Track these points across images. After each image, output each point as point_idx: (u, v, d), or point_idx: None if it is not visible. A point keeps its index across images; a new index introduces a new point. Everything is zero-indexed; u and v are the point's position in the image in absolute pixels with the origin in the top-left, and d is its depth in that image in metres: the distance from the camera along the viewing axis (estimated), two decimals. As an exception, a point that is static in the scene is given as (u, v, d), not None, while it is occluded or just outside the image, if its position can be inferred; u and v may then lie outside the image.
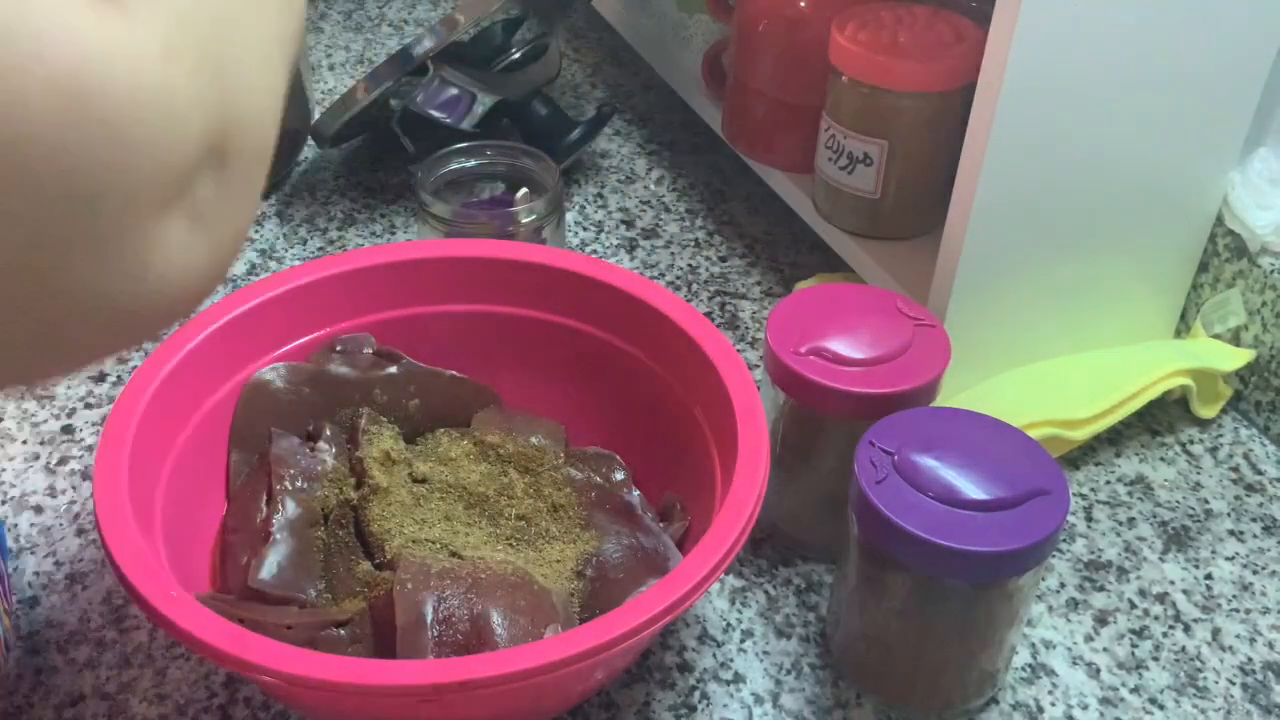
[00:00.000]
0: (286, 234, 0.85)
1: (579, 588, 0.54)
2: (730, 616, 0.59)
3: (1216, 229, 0.70)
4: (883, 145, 0.70)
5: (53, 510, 0.63)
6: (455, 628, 0.49)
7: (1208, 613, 0.61)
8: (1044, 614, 0.60)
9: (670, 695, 0.56)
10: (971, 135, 0.60)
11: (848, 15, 0.71)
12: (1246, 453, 0.70)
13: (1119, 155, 0.63)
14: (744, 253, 0.85)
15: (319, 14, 1.14)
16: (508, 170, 0.77)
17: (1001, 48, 0.56)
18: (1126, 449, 0.70)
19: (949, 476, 0.50)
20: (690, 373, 0.58)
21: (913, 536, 0.48)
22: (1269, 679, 0.57)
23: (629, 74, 1.07)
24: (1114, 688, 0.57)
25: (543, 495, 0.58)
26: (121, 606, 0.58)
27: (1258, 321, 0.69)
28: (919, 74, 0.68)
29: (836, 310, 0.60)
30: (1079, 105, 0.60)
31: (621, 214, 0.88)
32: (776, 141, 0.80)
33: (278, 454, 0.57)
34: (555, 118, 0.90)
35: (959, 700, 0.55)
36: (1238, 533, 0.65)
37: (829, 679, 0.57)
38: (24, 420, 0.69)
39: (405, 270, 0.62)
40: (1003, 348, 0.68)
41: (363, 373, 0.61)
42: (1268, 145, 0.68)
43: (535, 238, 0.72)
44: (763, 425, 0.53)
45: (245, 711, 0.54)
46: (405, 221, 0.86)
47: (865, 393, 0.56)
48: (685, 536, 0.57)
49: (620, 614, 0.45)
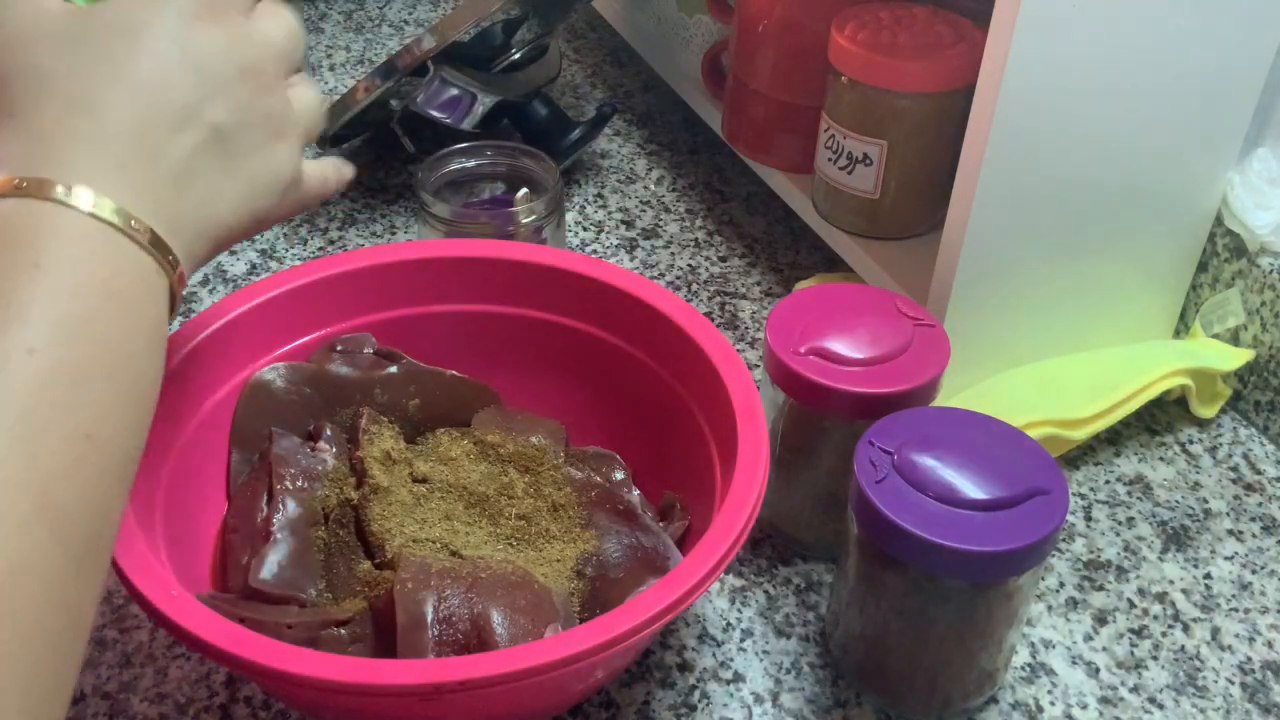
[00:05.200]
0: (286, 234, 0.85)
1: (579, 587, 0.54)
2: (730, 616, 0.59)
3: (1216, 229, 0.71)
4: (882, 145, 0.70)
5: (53, 510, 0.63)
6: (456, 627, 0.49)
7: (1207, 612, 0.61)
8: (1043, 613, 0.60)
9: (670, 695, 0.56)
10: (971, 135, 0.60)
11: (847, 15, 0.71)
12: (1245, 452, 0.70)
13: (1118, 155, 0.63)
14: (744, 253, 0.85)
15: (319, 14, 1.14)
16: (508, 170, 0.77)
17: (1001, 48, 0.56)
18: (1126, 449, 0.70)
19: (949, 476, 0.50)
20: (690, 373, 0.58)
21: (912, 536, 0.48)
22: (1268, 678, 0.57)
23: (629, 74, 1.07)
24: (1113, 687, 0.57)
25: (543, 495, 0.58)
26: (122, 606, 0.58)
27: (1257, 321, 0.70)
28: (919, 74, 0.68)
29: (836, 310, 0.60)
30: (1078, 105, 0.60)
31: (621, 214, 0.88)
32: (776, 141, 0.80)
33: (278, 454, 0.57)
34: (555, 118, 0.90)
35: (958, 699, 0.55)
36: (1237, 532, 0.65)
37: (829, 678, 0.57)
38: (24, 420, 0.69)
39: (405, 270, 0.62)
40: (1002, 348, 0.68)
41: (363, 373, 0.61)
42: (1267, 145, 0.68)
43: (535, 238, 0.72)
44: (763, 425, 0.53)
45: (246, 711, 0.54)
46: (405, 221, 0.87)
47: (865, 393, 0.56)
48: (685, 536, 0.57)
49: (620, 614, 0.45)
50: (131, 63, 0.41)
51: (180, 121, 0.42)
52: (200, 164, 0.43)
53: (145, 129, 0.41)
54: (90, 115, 0.40)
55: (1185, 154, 0.66)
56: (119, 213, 0.39)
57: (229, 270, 0.81)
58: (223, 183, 0.44)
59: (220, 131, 0.43)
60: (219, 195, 0.44)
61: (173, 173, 0.42)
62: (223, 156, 0.43)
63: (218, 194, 0.44)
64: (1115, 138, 0.62)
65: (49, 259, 0.37)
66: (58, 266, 0.37)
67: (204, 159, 0.43)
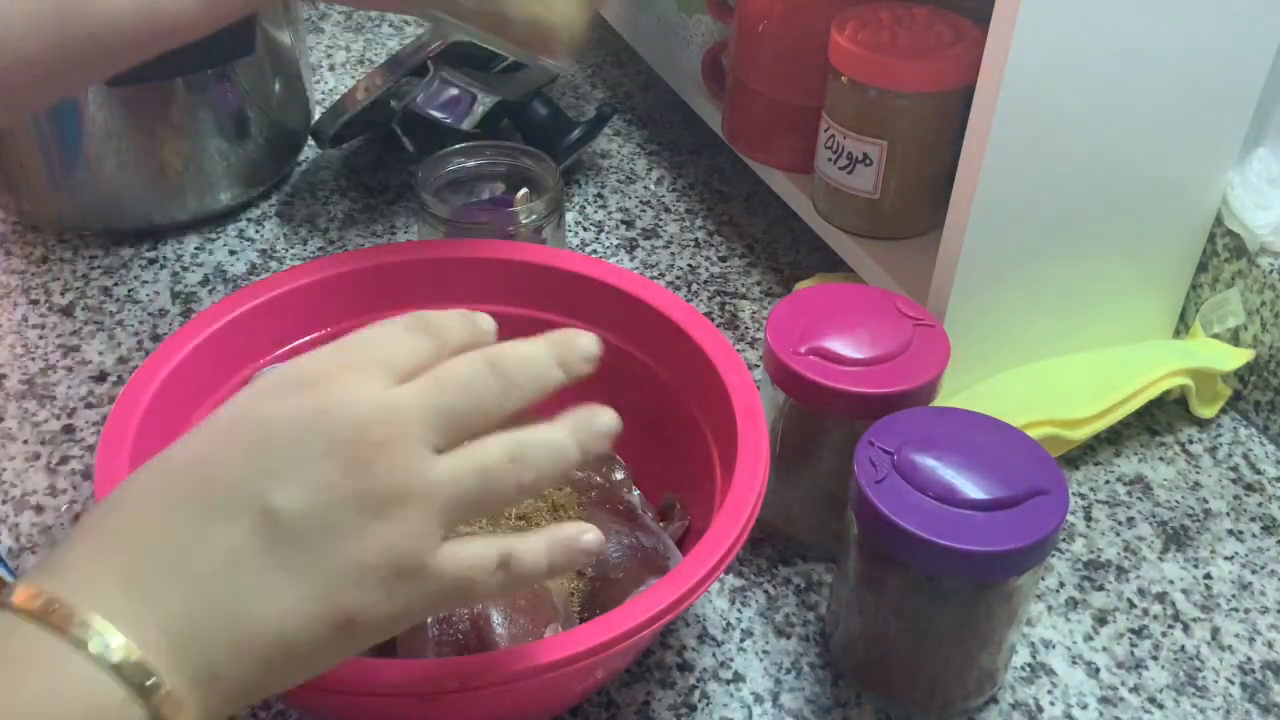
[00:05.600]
0: (286, 234, 0.85)
1: (579, 587, 0.54)
2: (730, 616, 0.59)
3: (1215, 229, 0.71)
4: (882, 145, 0.70)
5: (53, 510, 0.63)
6: (455, 627, 0.49)
7: (1207, 612, 0.61)
8: (1043, 613, 0.60)
9: (670, 695, 0.56)
10: (971, 135, 0.60)
11: (847, 15, 0.71)
12: (1245, 452, 0.70)
13: (1118, 155, 0.63)
14: (744, 253, 0.85)
15: (319, 14, 1.14)
16: (508, 170, 0.76)
17: (1001, 48, 0.56)
18: (1126, 449, 0.70)
19: (949, 476, 0.50)
20: (690, 373, 0.58)
21: (913, 536, 0.48)
22: (1268, 678, 0.57)
23: (629, 74, 1.07)
24: (1113, 687, 0.57)
25: (543, 495, 0.58)
26: (122, 606, 0.58)
27: (1257, 321, 0.70)
28: (918, 74, 0.68)
29: (836, 310, 0.60)
30: (1078, 105, 0.60)
31: (621, 214, 0.88)
32: (776, 141, 0.80)
33: (278, 454, 0.57)
34: (555, 118, 0.90)
35: (958, 699, 0.55)
36: (1237, 532, 0.65)
37: (829, 678, 0.57)
38: (25, 420, 0.69)
39: (405, 270, 0.62)
40: (1002, 347, 0.68)
41: (363, 373, 0.61)
42: (1266, 145, 0.68)
43: (535, 238, 0.72)
44: (763, 425, 0.53)
45: (245, 710, 0.54)
46: (405, 221, 0.87)
47: (865, 393, 0.56)
48: (685, 536, 0.57)
49: (620, 614, 0.45)
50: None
51: (222, 509, 0.35)
52: (243, 561, 0.35)
53: (170, 522, 0.36)
54: (112, 508, 0.36)
55: (1185, 154, 0.66)
56: (124, 658, 0.34)
57: (229, 270, 0.81)
58: (272, 583, 0.35)
59: (278, 517, 0.35)
60: (266, 597, 0.35)
61: (199, 575, 0.35)
62: (279, 549, 0.35)
63: (264, 596, 0.35)
64: (1115, 138, 0.62)
65: (25, 688, 0.33)
66: (29, 696, 0.33)
67: (248, 556, 0.35)
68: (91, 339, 0.75)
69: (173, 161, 0.81)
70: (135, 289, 0.79)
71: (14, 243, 0.83)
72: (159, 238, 0.84)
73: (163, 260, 0.82)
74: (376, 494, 0.36)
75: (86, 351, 0.74)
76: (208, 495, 0.36)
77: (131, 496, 0.37)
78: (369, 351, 0.39)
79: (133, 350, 0.74)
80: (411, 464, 0.37)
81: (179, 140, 0.80)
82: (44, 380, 0.72)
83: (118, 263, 0.81)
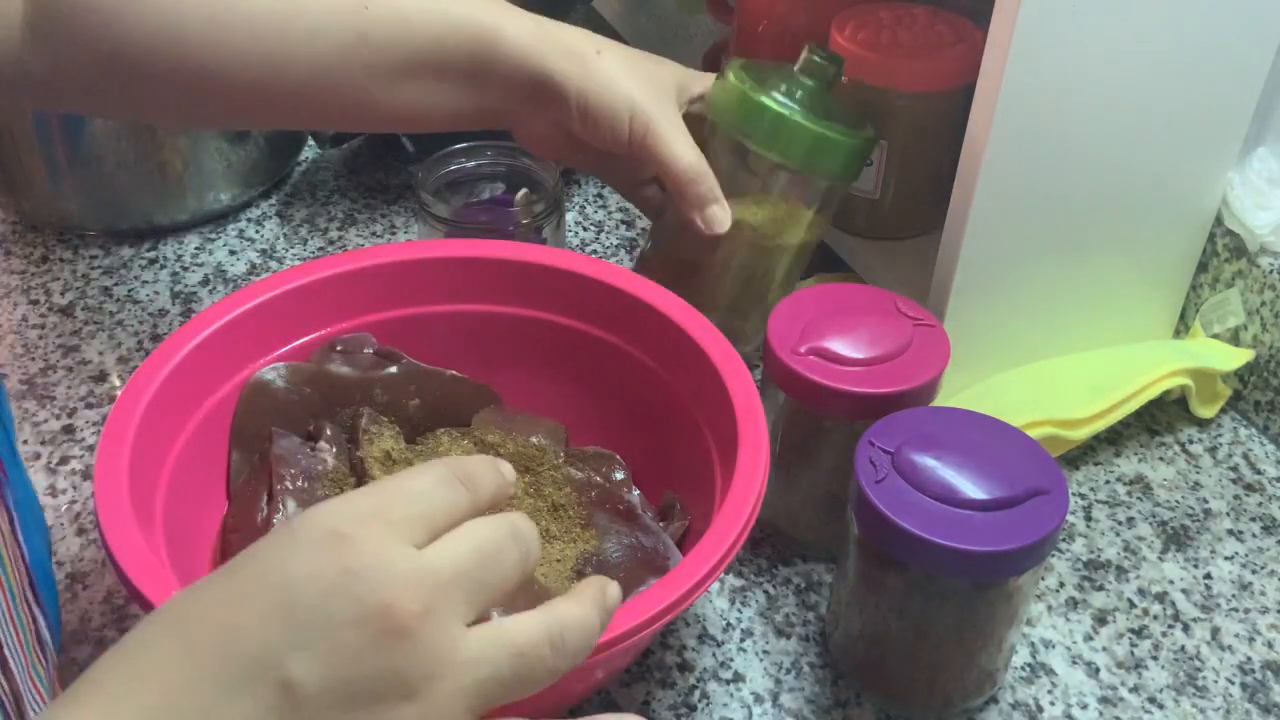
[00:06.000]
0: (286, 234, 0.85)
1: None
2: (730, 616, 0.59)
3: (1215, 229, 0.71)
4: (882, 145, 0.70)
5: (53, 510, 0.63)
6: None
7: (1207, 612, 0.61)
8: (1043, 613, 0.60)
9: (670, 695, 0.56)
10: (971, 135, 0.60)
11: (847, 15, 0.71)
12: (1246, 452, 0.70)
13: (1118, 155, 0.63)
14: (744, 253, 0.85)
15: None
16: (508, 170, 0.77)
17: (1001, 48, 0.56)
18: (1126, 449, 0.70)
19: (948, 476, 0.50)
20: (690, 373, 0.58)
21: (912, 536, 0.48)
22: (1268, 678, 0.57)
23: (629, 74, 1.06)
24: (1113, 687, 0.57)
25: (543, 495, 0.58)
26: (122, 606, 0.58)
27: (1257, 321, 0.70)
28: (918, 74, 0.68)
29: (836, 310, 0.60)
30: (1078, 105, 0.60)
31: (621, 214, 0.88)
32: (776, 141, 0.80)
33: (279, 454, 0.57)
34: (555, 118, 0.90)
35: (958, 699, 0.55)
36: (1237, 532, 0.65)
37: (829, 678, 0.57)
38: (24, 420, 0.69)
39: (405, 270, 0.62)
40: (1002, 347, 0.68)
41: (363, 373, 0.61)
42: (1266, 145, 0.68)
43: (535, 238, 0.72)
44: (763, 425, 0.53)
45: None
46: (405, 221, 0.87)
47: (865, 393, 0.56)
48: (685, 536, 0.57)
49: (620, 614, 0.45)
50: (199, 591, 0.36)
51: (242, 682, 0.34)
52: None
53: (187, 698, 0.34)
54: (124, 653, 0.35)
55: (1185, 154, 0.66)
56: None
57: (229, 270, 0.81)
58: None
59: (298, 693, 0.34)
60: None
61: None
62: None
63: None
64: (1115, 138, 0.62)
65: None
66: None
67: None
68: (91, 339, 0.75)
69: (173, 161, 0.81)
70: (135, 289, 0.79)
71: (14, 243, 0.83)
72: (159, 238, 0.84)
73: (163, 260, 0.82)
74: (405, 674, 0.35)
75: (86, 351, 0.74)
76: (227, 668, 0.34)
77: (150, 657, 0.35)
78: (405, 504, 0.37)
79: (133, 350, 0.74)
80: (444, 640, 0.35)
81: (179, 140, 0.80)
82: (44, 380, 0.72)
83: (118, 263, 0.81)
